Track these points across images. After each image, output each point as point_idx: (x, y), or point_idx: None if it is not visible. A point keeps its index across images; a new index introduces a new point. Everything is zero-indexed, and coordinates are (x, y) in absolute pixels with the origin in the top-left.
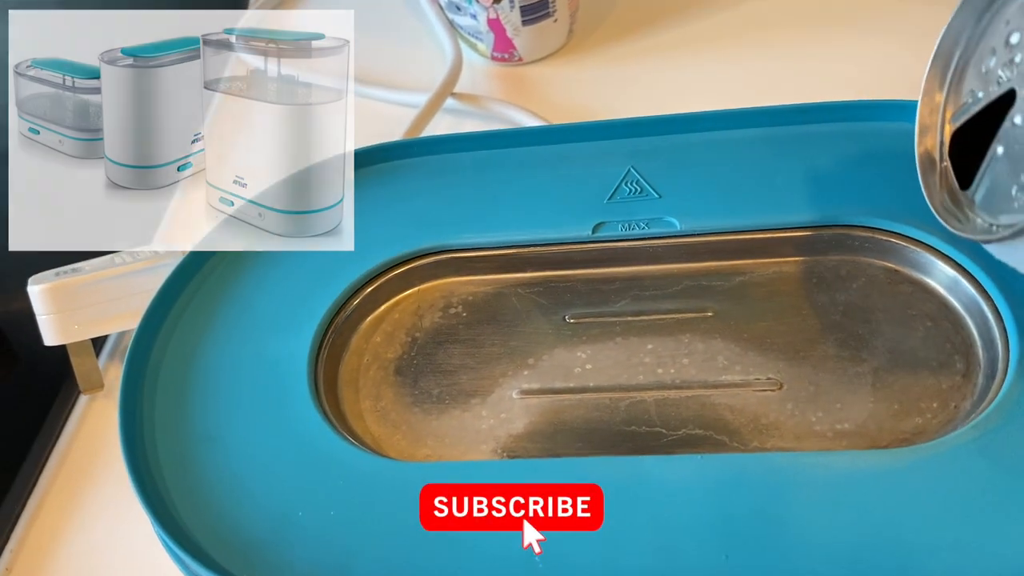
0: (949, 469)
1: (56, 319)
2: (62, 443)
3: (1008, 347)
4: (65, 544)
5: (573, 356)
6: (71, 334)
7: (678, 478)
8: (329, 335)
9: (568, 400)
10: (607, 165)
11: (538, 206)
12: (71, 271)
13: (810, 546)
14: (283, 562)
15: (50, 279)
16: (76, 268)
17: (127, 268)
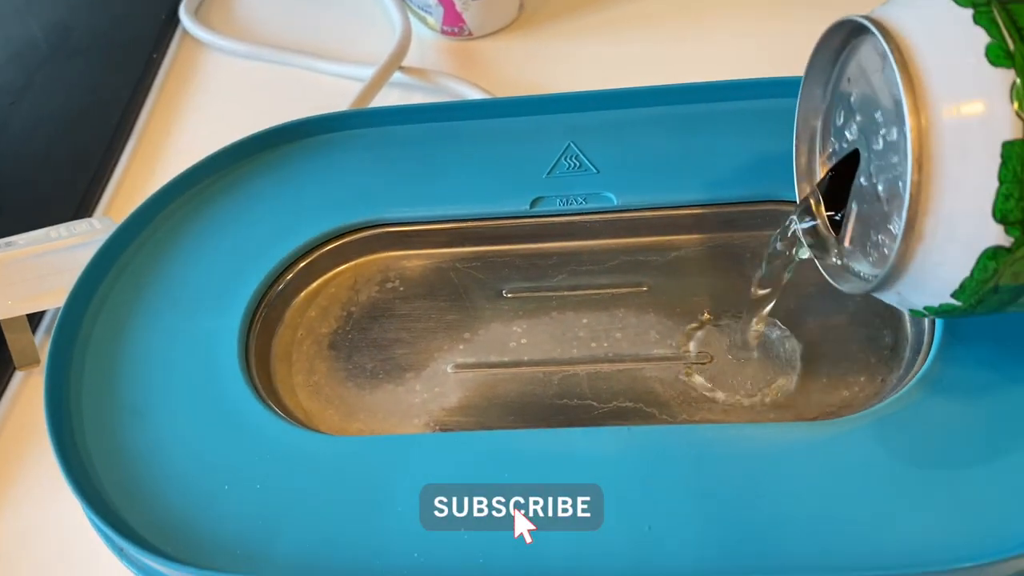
0: (871, 441)
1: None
2: None
3: (934, 321)
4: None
5: (509, 331)
6: (5, 310)
7: (605, 450)
8: (262, 309)
9: (502, 374)
10: (547, 140)
11: (477, 180)
12: (4, 245)
13: (733, 517)
14: (208, 536)
15: None
16: (10, 242)
17: (62, 243)
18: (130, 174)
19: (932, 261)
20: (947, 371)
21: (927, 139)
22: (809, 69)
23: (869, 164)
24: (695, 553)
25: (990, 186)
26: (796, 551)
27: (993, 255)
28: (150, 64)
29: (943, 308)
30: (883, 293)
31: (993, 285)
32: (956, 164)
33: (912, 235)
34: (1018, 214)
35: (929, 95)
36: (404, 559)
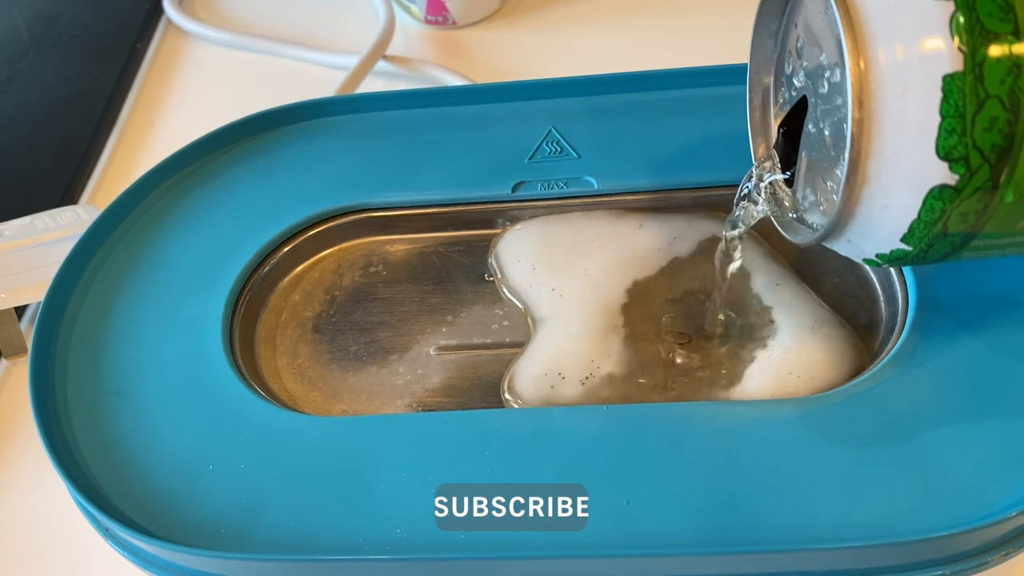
0: (846, 417)
1: None
2: None
3: (907, 302)
4: None
5: (491, 313)
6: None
7: (584, 428)
8: (246, 293)
9: (484, 355)
10: (528, 126)
11: (460, 166)
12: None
13: (708, 492)
14: (193, 515)
15: None
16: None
17: (51, 236)
18: (115, 163)
19: (879, 204)
20: (919, 349)
21: (867, 76)
22: (758, 19)
23: (816, 109)
24: (673, 527)
25: (932, 122)
26: (773, 524)
27: (939, 194)
28: (134, 54)
29: (895, 255)
30: (835, 242)
31: (942, 227)
32: (897, 101)
33: (856, 177)
34: (962, 150)
35: (869, 32)
36: (388, 535)
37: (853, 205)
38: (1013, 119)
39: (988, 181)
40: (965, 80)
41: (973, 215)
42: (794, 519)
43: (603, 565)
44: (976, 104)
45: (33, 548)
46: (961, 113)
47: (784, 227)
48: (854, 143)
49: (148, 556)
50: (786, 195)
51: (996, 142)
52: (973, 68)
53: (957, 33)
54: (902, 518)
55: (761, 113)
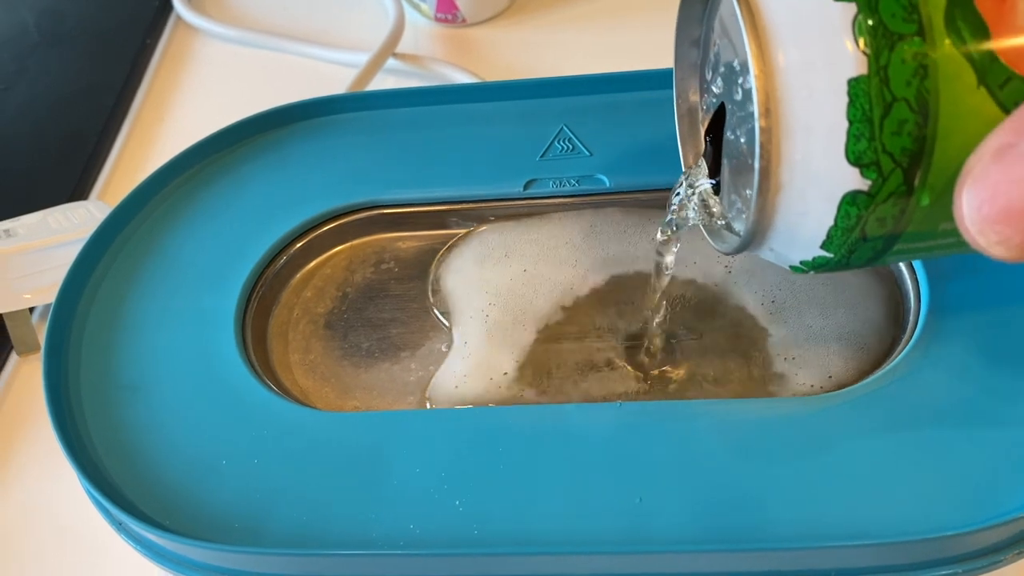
0: (859, 415)
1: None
2: None
3: (919, 298)
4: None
5: None
6: (11, 303)
7: (596, 425)
8: (258, 289)
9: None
10: (540, 123)
11: (471, 163)
12: (5, 235)
13: (721, 490)
14: (206, 509)
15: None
16: (8, 230)
17: (66, 237)
18: (124, 158)
19: (795, 211)
20: (932, 347)
21: (772, 82)
22: (678, 26)
23: (733, 116)
24: (686, 524)
25: (840, 128)
26: (786, 521)
27: (853, 200)
28: (144, 50)
29: (817, 261)
30: (759, 250)
31: (860, 233)
32: (804, 107)
33: (769, 185)
34: (872, 155)
35: (773, 36)
36: (401, 529)
37: (769, 213)
38: (922, 122)
39: (902, 185)
40: (870, 83)
41: (891, 220)
42: (807, 517)
43: (616, 562)
44: (883, 108)
45: (45, 543)
46: (868, 117)
47: (712, 235)
48: (763, 151)
49: (161, 550)
50: (715, 203)
51: (906, 146)
52: (878, 71)
53: (860, 35)
54: (914, 516)
55: (689, 121)
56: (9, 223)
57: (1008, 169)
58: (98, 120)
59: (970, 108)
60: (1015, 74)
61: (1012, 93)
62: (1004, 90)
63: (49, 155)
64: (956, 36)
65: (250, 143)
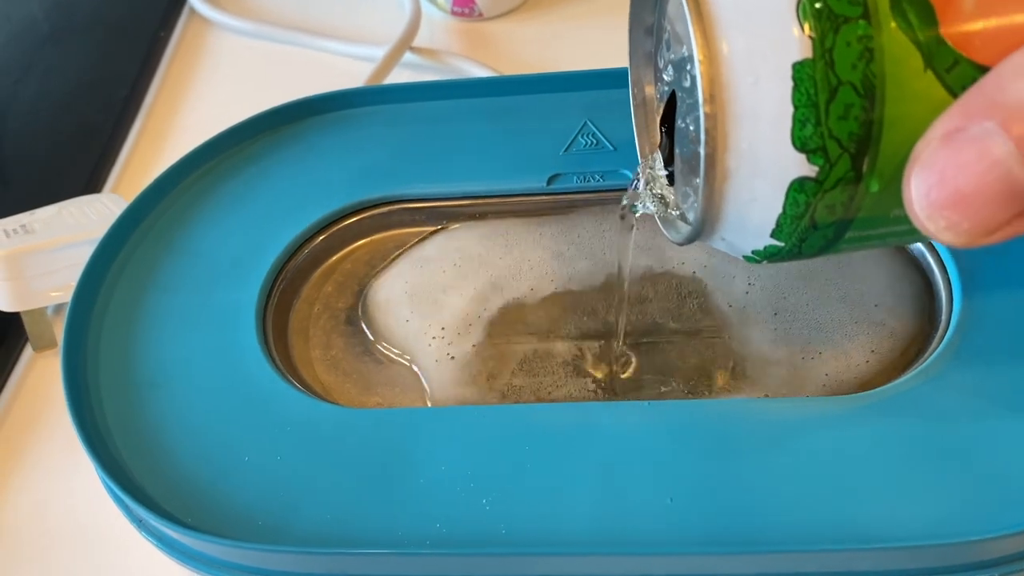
0: (894, 415)
1: (14, 286)
2: (4, 397)
3: (951, 296)
4: (10, 496)
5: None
6: (29, 301)
7: (625, 424)
8: (279, 284)
9: (521, 347)
10: (563, 118)
11: (494, 157)
12: (22, 230)
13: (753, 491)
14: (229, 506)
15: (1, 243)
16: (25, 226)
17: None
18: (138, 151)
19: (743, 199)
20: (966, 346)
21: (717, 68)
22: (631, 14)
23: (683, 104)
24: (718, 525)
25: (786, 113)
26: (820, 523)
27: (801, 187)
28: (157, 42)
29: (769, 251)
30: (711, 240)
31: (809, 221)
32: (749, 92)
33: (715, 174)
34: (818, 140)
35: (717, 21)
36: (427, 528)
37: (717, 202)
38: (869, 106)
39: (850, 171)
40: (815, 67)
41: (840, 207)
42: (842, 518)
43: (648, 563)
44: (829, 92)
45: (63, 539)
46: (814, 102)
47: (666, 225)
48: (709, 138)
49: (183, 547)
50: (669, 193)
51: (853, 130)
52: (823, 54)
53: (805, 19)
54: (951, 519)
55: (645, 110)
56: (25, 217)
57: (956, 154)
58: (111, 113)
59: (917, 92)
60: (962, 57)
61: (959, 77)
62: (951, 74)
63: (62, 148)
64: (902, 19)
65: (268, 136)
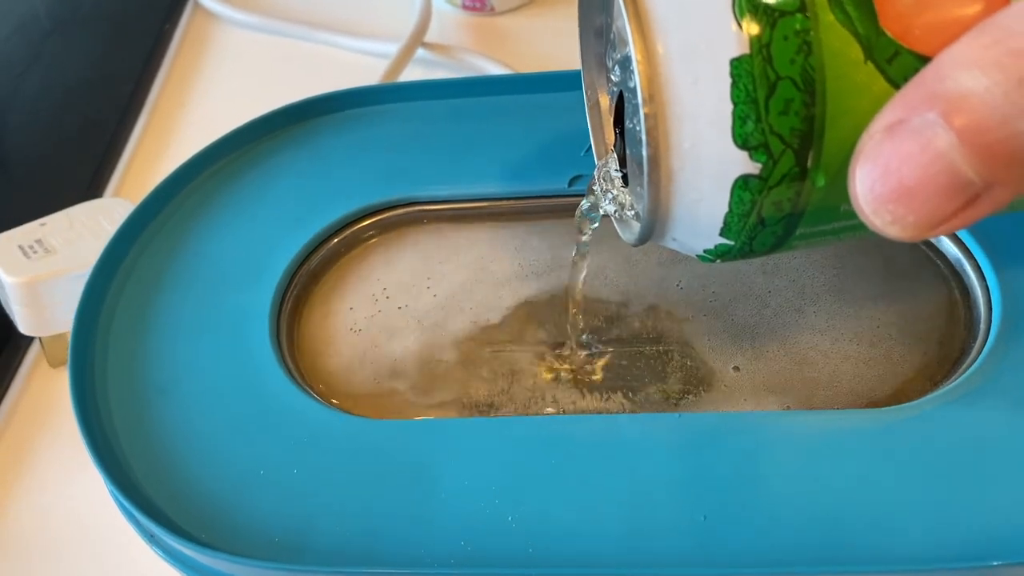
0: (929, 430)
1: (34, 312)
2: (8, 403)
3: (991, 307)
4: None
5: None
6: (50, 326)
7: (655, 437)
8: (293, 287)
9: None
10: (583, 116)
11: (512, 158)
12: (40, 248)
13: (789, 507)
14: (243, 522)
15: (23, 265)
16: (42, 242)
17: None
18: (143, 148)
19: (689, 199)
20: (1007, 357)
21: (655, 68)
22: (580, 15)
23: (629, 105)
24: (753, 544)
25: (726, 110)
26: (860, 543)
27: (745, 185)
28: (162, 36)
29: (720, 250)
30: (662, 240)
31: (757, 218)
32: (688, 91)
33: (659, 174)
34: (759, 137)
35: (653, 20)
36: (450, 547)
37: (664, 202)
38: (810, 100)
39: (795, 167)
40: (753, 63)
41: (787, 203)
42: (883, 538)
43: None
44: (768, 87)
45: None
46: (753, 98)
47: (621, 226)
48: (650, 138)
49: (196, 565)
50: (623, 193)
51: (795, 126)
52: (760, 50)
53: (741, 15)
54: (997, 540)
55: (599, 112)
56: (37, 230)
57: (899, 146)
58: (115, 109)
59: (858, 84)
60: (903, 48)
61: (901, 68)
62: (892, 65)
63: (65, 144)
64: (839, 10)
65: (279, 136)
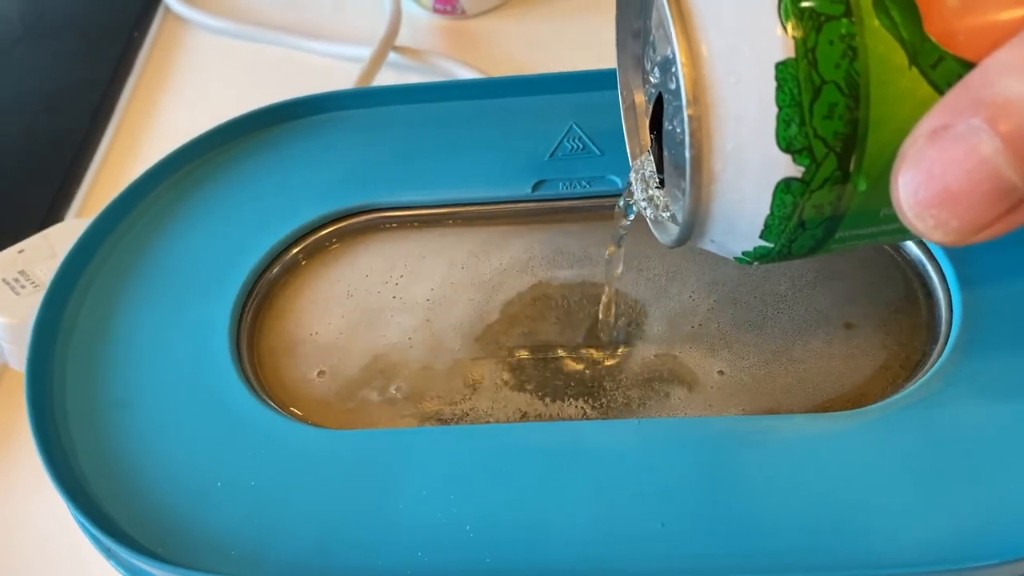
0: (889, 434)
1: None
2: None
3: (951, 308)
4: None
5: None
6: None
7: (613, 444)
8: (254, 297)
9: (508, 363)
10: (548, 121)
11: (476, 163)
12: (27, 282)
13: (748, 513)
14: (201, 536)
15: (13, 303)
16: (26, 273)
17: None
18: (111, 159)
19: (730, 201)
20: (967, 359)
21: (699, 71)
22: (618, 17)
23: (669, 106)
24: (712, 551)
25: (770, 113)
26: (821, 548)
27: (787, 188)
28: (131, 43)
29: (759, 252)
30: (699, 242)
31: (797, 221)
32: (732, 93)
33: (701, 176)
34: (803, 140)
35: (698, 22)
36: (408, 558)
37: (705, 204)
38: (854, 105)
39: (837, 171)
40: (798, 67)
41: (828, 206)
42: (844, 543)
43: None
44: (812, 91)
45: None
46: (797, 102)
47: (656, 227)
48: (693, 140)
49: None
50: (659, 195)
51: (839, 130)
52: (806, 54)
53: (787, 18)
54: (960, 543)
55: (634, 113)
56: (16, 258)
57: (943, 151)
58: (83, 118)
59: (902, 90)
60: (947, 53)
61: (945, 73)
62: (936, 70)
63: (34, 155)
64: (885, 16)
65: (243, 142)
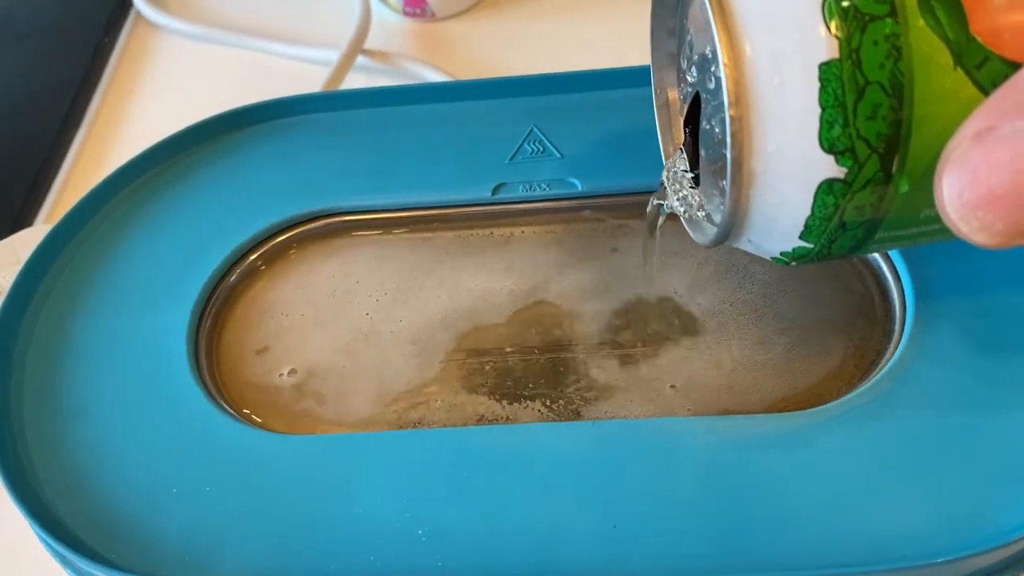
0: (844, 433)
1: None
2: None
3: (905, 307)
4: None
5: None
6: None
7: (565, 446)
8: (212, 304)
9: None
10: (510, 124)
11: (437, 166)
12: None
13: (700, 514)
14: (155, 542)
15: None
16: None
17: None
18: (81, 164)
19: (771, 202)
20: (917, 360)
21: (742, 71)
22: (653, 15)
23: (707, 106)
24: (664, 552)
25: (813, 114)
26: (771, 548)
27: (829, 189)
28: (100, 49)
29: (798, 252)
30: (736, 242)
31: (838, 222)
32: (775, 94)
33: (742, 176)
34: (846, 141)
35: (741, 22)
36: (360, 562)
37: (744, 204)
38: (898, 105)
39: (879, 172)
40: (842, 67)
41: (869, 208)
42: (793, 543)
43: None
44: (856, 92)
45: None
46: (841, 102)
47: (691, 226)
48: (735, 141)
49: None
50: (693, 194)
51: (882, 131)
52: (850, 54)
53: (831, 18)
54: (906, 541)
55: (668, 111)
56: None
57: (988, 153)
58: (52, 125)
59: (947, 90)
60: (993, 54)
61: (990, 74)
62: (982, 71)
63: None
64: (930, 16)
65: (208, 147)
